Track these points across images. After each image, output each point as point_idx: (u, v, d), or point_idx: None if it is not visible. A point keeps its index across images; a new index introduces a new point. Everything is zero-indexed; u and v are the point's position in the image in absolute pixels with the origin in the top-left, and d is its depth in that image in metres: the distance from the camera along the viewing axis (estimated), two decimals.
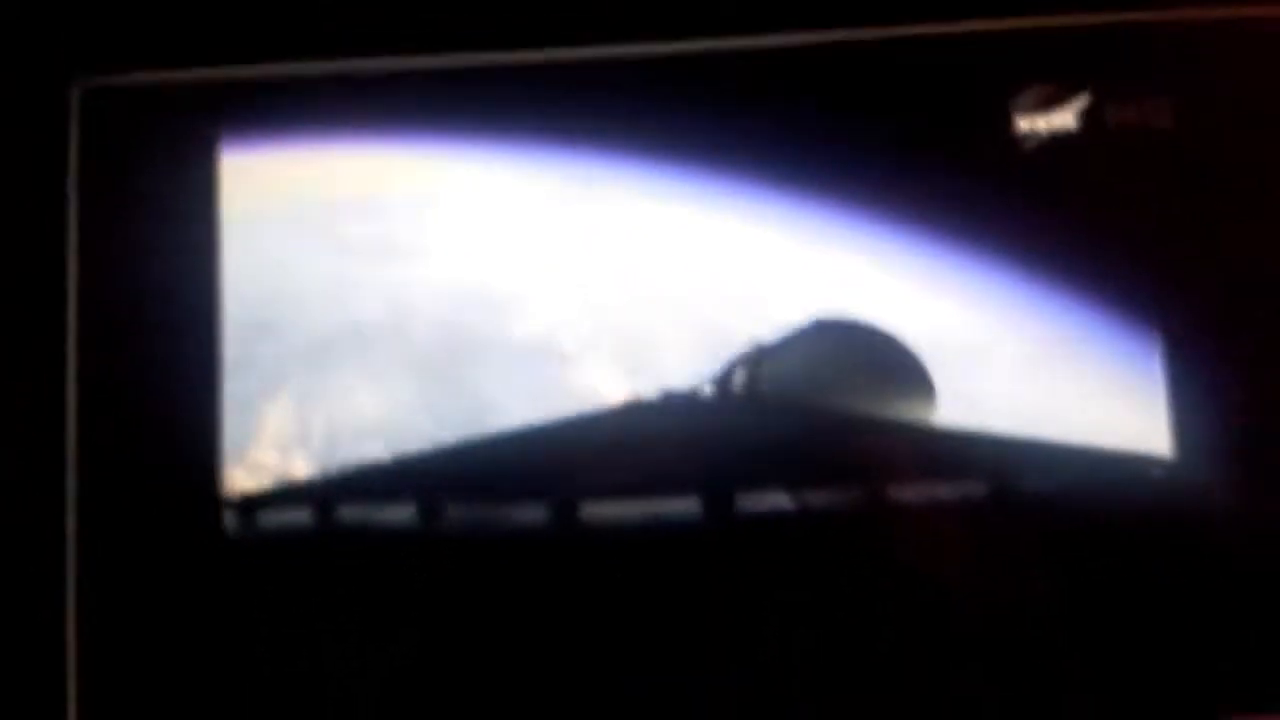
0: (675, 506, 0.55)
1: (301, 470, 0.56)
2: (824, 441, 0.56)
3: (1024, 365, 0.56)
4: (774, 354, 0.56)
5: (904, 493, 0.55)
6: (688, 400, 0.56)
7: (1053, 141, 0.57)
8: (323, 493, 0.56)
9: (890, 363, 0.56)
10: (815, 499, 0.55)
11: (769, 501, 0.55)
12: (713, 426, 0.56)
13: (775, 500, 0.55)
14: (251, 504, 0.56)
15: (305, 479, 0.56)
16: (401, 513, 0.56)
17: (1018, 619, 0.54)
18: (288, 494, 0.56)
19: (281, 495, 0.56)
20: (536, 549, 0.55)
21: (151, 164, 0.58)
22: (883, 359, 0.56)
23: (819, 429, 0.56)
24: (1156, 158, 0.57)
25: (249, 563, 0.55)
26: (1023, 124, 0.57)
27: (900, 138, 0.57)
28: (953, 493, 0.55)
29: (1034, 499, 0.55)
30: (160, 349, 0.57)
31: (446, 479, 0.56)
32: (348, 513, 0.56)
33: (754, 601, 0.54)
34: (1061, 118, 0.57)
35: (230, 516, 0.56)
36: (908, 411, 0.56)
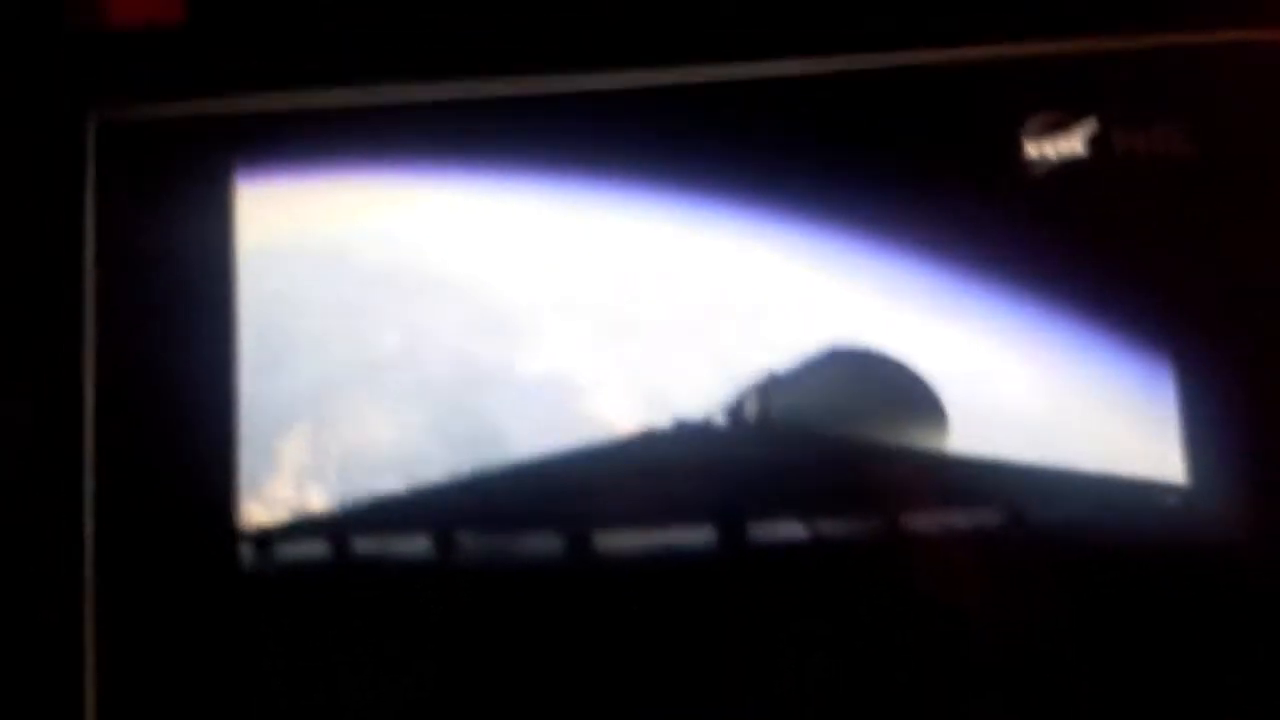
0: (689, 536, 0.55)
1: (317, 503, 0.56)
2: (837, 470, 0.56)
3: (1037, 392, 0.56)
4: (787, 383, 0.56)
5: (917, 521, 0.55)
6: (701, 429, 0.56)
7: (1062, 168, 0.57)
8: (338, 525, 0.56)
9: (903, 391, 0.56)
10: (828, 528, 0.55)
11: (782, 531, 0.55)
12: (726, 455, 0.56)
13: (788, 529, 0.55)
14: (267, 537, 0.56)
15: (320, 512, 0.56)
16: (417, 544, 0.56)
17: (1032, 647, 0.54)
18: (303, 527, 0.56)
19: (297, 528, 0.56)
20: (551, 579, 0.55)
21: (167, 196, 0.59)
22: (895, 387, 0.56)
23: (832, 457, 0.56)
24: (1166, 183, 0.57)
25: (265, 596, 0.56)
26: (1032, 150, 0.57)
27: (910, 165, 0.57)
28: (966, 521, 0.55)
29: (1048, 527, 0.55)
30: (176, 381, 0.57)
31: (461, 510, 0.56)
32: (363, 545, 0.56)
33: (768, 631, 0.54)
34: (1070, 144, 0.57)
35: (246, 550, 0.56)
36: (921, 440, 0.56)
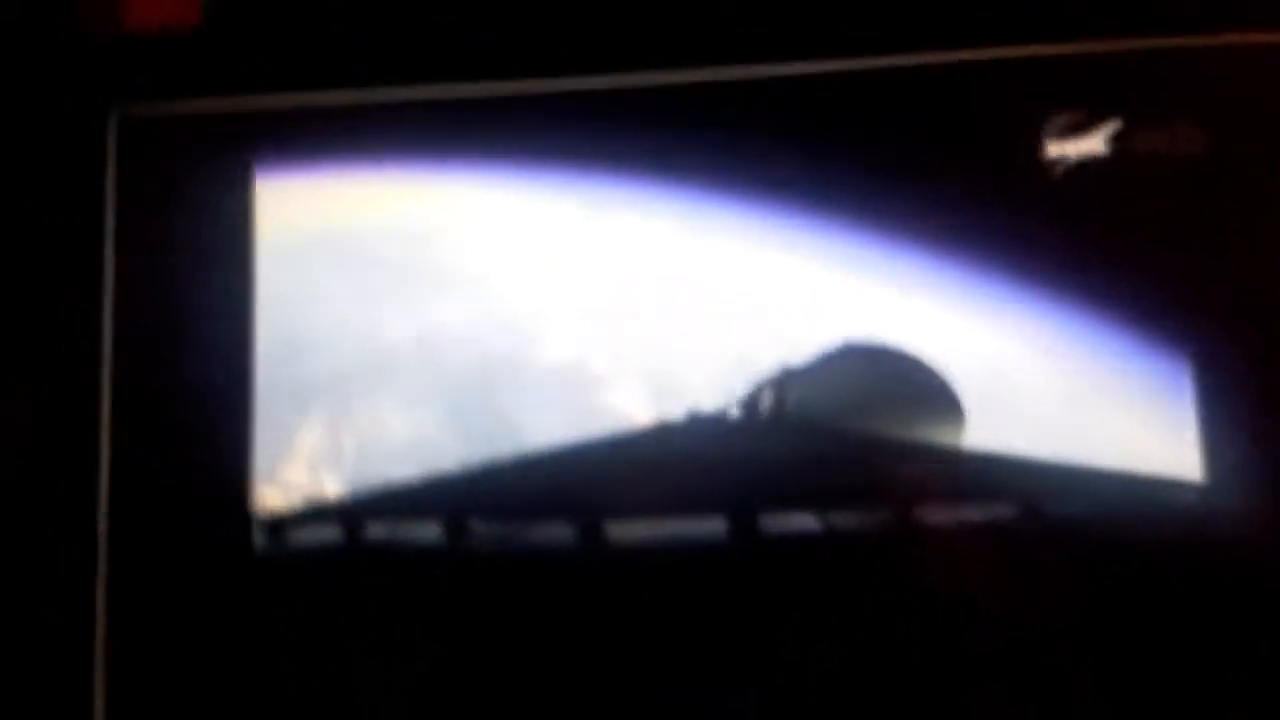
0: (701, 528, 0.55)
1: (331, 490, 0.56)
2: (851, 464, 0.56)
3: (1053, 389, 0.56)
4: (801, 377, 0.56)
5: (932, 516, 0.55)
6: (714, 422, 0.56)
7: (1082, 167, 0.57)
8: (352, 512, 0.56)
9: (918, 386, 0.56)
10: (842, 522, 0.55)
11: (795, 524, 0.55)
12: (739, 449, 0.56)
13: (801, 523, 0.55)
14: (281, 523, 0.56)
15: (335, 498, 0.56)
16: (429, 532, 0.56)
17: (1046, 643, 0.54)
18: (317, 513, 0.56)
19: (311, 514, 0.56)
20: (562, 569, 0.55)
21: (187, 192, 0.59)
22: (910, 382, 0.56)
23: (846, 452, 0.56)
24: (1186, 183, 0.56)
25: (278, 581, 0.56)
26: (1053, 150, 0.57)
27: (930, 163, 0.57)
28: (980, 516, 0.54)
29: (1062, 523, 0.54)
30: (194, 371, 0.58)
31: (474, 499, 0.56)
32: (376, 531, 0.56)
33: (780, 624, 0.54)
34: (1091, 144, 0.57)
35: (260, 534, 0.56)
36: (936, 435, 0.56)
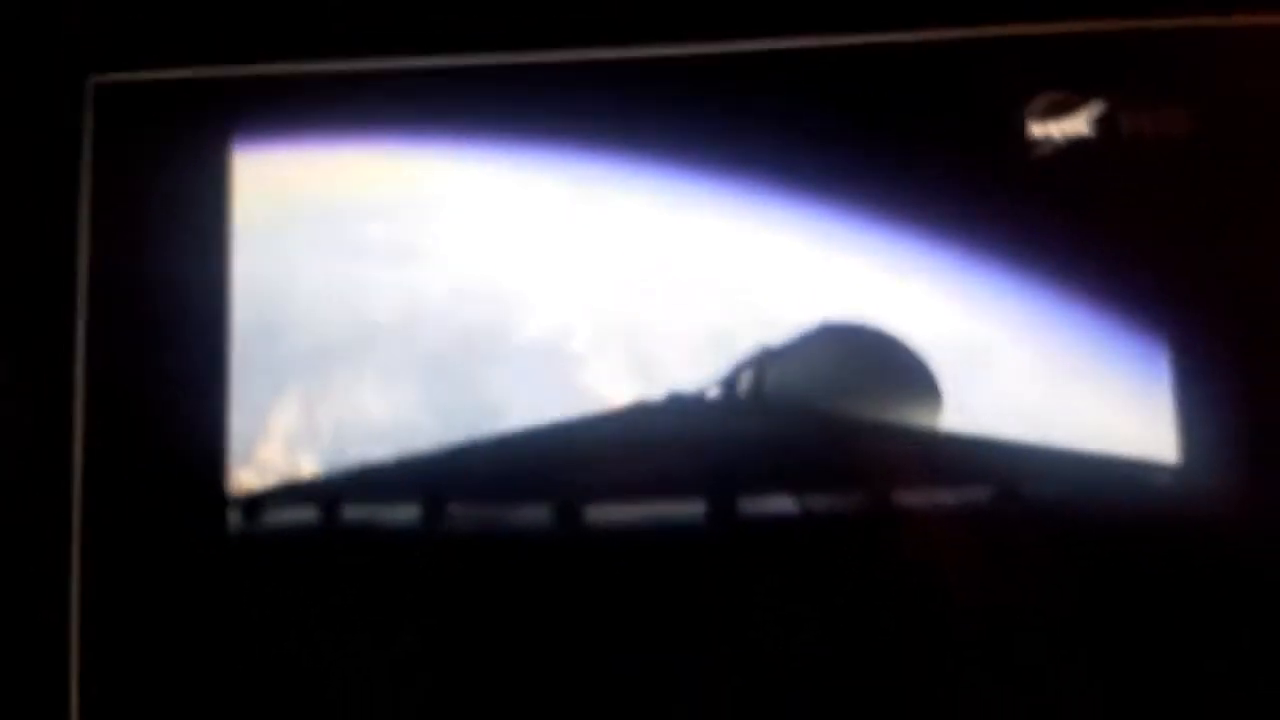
0: (680, 509, 0.55)
1: (308, 469, 0.56)
2: (830, 446, 0.56)
3: (1031, 371, 0.56)
4: (781, 357, 0.56)
5: (909, 498, 0.55)
6: (694, 403, 0.56)
7: (1065, 148, 0.57)
8: (329, 492, 0.56)
9: (897, 367, 0.56)
10: (820, 503, 0.55)
11: (774, 505, 0.55)
12: (718, 430, 0.56)
13: (780, 504, 0.55)
14: (257, 502, 0.56)
15: (311, 478, 0.56)
16: (407, 513, 0.56)
17: (1022, 625, 0.54)
18: (294, 493, 0.56)
19: (287, 494, 0.56)
20: (541, 550, 0.55)
21: (164, 161, 0.59)
22: (889, 364, 0.56)
23: (825, 433, 0.56)
24: (1169, 165, 0.56)
25: (254, 561, 0.56)
26: (1035, 130, 0.57)
27: (912, 143, 0.57)
28: (958, 498, 0.55)
29: (1040, 505, 0.54)
30: (169, 346, 0.57)
31: (452, 479, 0.56)
32: (353, 512, 0.56)
33: (758, 605, 0.54)
34: (1074, 124, 0.57)
35: (236, 515, 0.56)
36: (914, 416, 0.56)
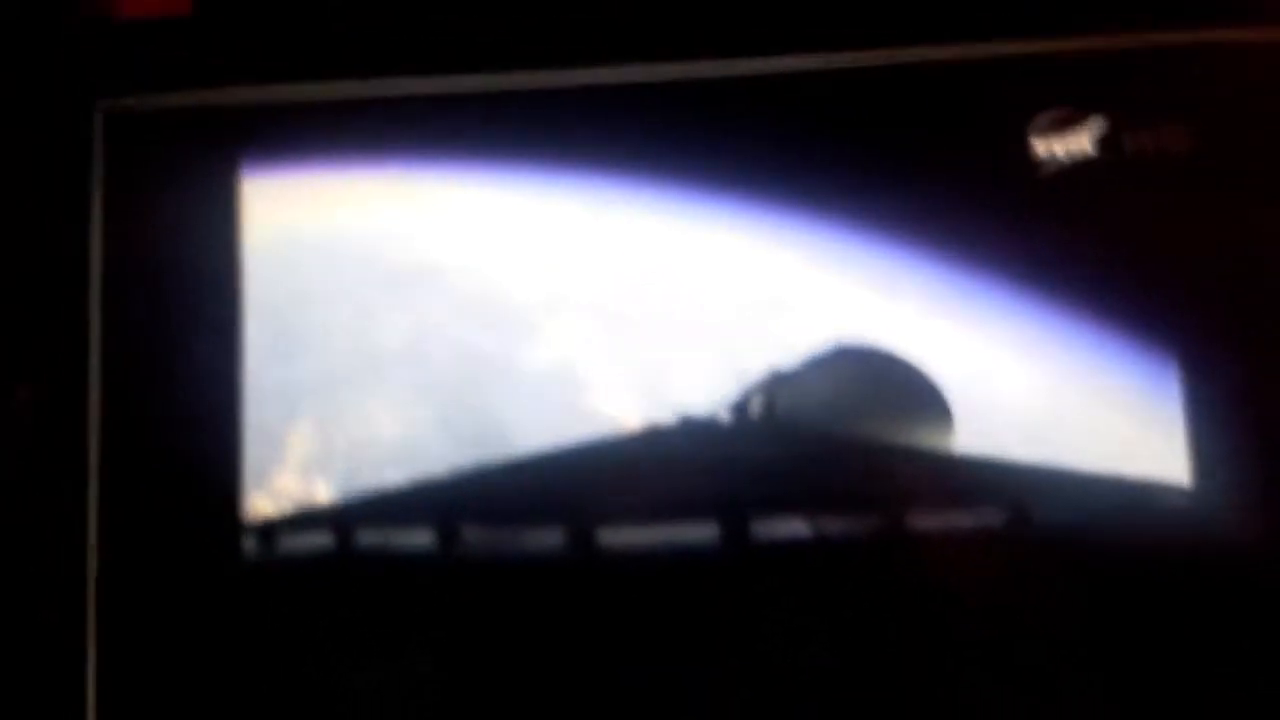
0: (692, 532, 0.55)
1: (321, 495, 0.56)
2: (841, 468, 0.56)
3: (1042, 392, 0.56)
4: (792, 380, 0.56)
5: (921, 520, 0.55)
6: (705, 426, 0.56)
7: (1070, 166, 0.57)
8: (342, 518, 0.56)
9: (908, 389, 0.56)
10: (832, 526, 0.55)
11: (786, 528, 0.55)
12: (730, 452, 0.56)
13: (792, 527, 0.55)
14: (271, 529, 0.56)
15: (325, 504, 0.56)
16: (420, 537, 0.56)
17: (1036, 648, 0.54)
18: (307, 519, 0.56)
19: (301, 520, 0.56)
20: (553, 574, 0.55)
21: (174, 188, 0.59)
22: (900, 386, 0.56)
23: (836, 455, 0.56)
24: (1174, 182, 0.56)
25: (268, 588, 0.56)
26: (1039, 148, 0.57)
27: (917, 163, 0.57)
28: (970, 520, 0.55)
29: (1051, 527, 0.54)
30: (182, 372, 0.57)
31: (465, 504, 0.56)
32: (367, 537, 0.56)
33: (771, 628, 0.54)
34: (1078, 142, 0.57)
35: (250, 541, 0.56)
36: (925, 438, 0.56)
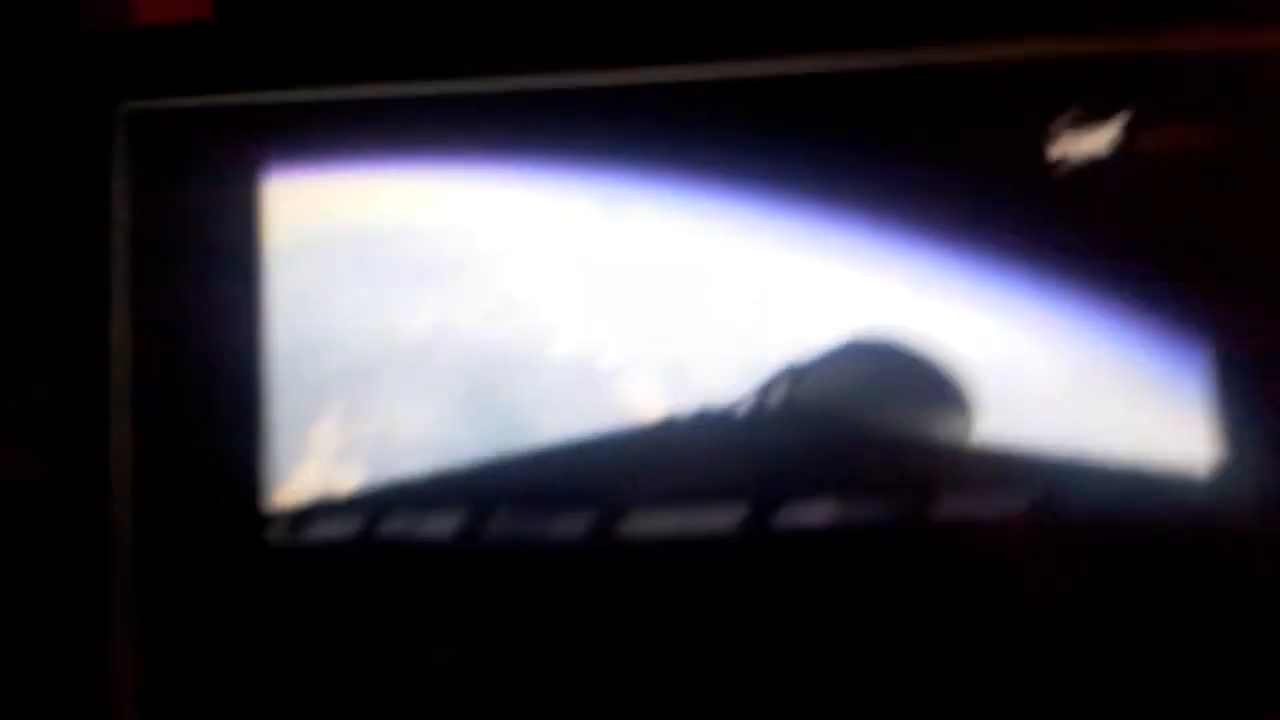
0: (712, 521, 0.55)
1: (346, 484, 0.57)
2: (860, 458, 0.56)
3: (1065, 383, 0.56)
4: (811, 371, 0.57)
5: (941, 510, 0.55)
6: (725, 416, 0.57)
7: (1089, 162, 0.57)
8: (367, 506, 0.56)
9: (926, 380, 0.56)
10: (852, 515, 0.55)
11: (806, 517, 0.55)
12: (750, 443, 0.56)
13: (812, 516, 0.55)
14: (298, 518, 0.57)
15: (350, 493, 0.57)
16: (444, 525, 0.56)
17: (1059, 633, 0.54)
18: (333, 507, 0.57)
19: (326, 509, 0.57)
20: (576, 562, 0.56)
21: (197, 187, 0.60)
22: (919, 377, 0.56)
23: (856, 445, 0.56)
24: (1193, 178, 0.57)
25: (295, 576, 0.56)
26: (1060, 144, 0.57)
27: (940, 160, 0.58)
28: (991, 509, 0.55)
29: (1074, 516, 0.54)
30: (208, 368, 0.58)
31: (488, 493, 0.56)
32: (391, 525, 0.56)
33: (790, 615, 0.55)
34: (1098, 140, 0.57)
35: (277, 530, 0.57)
36: (945, 428, 0.56)
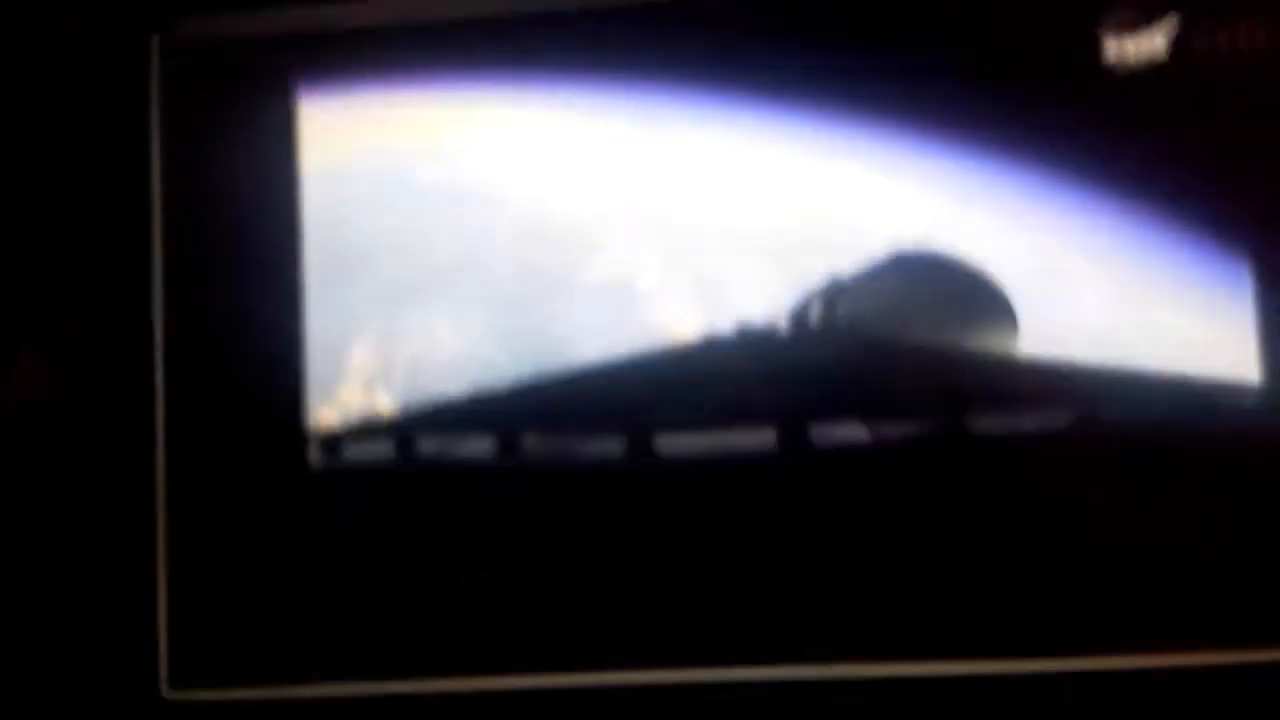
0: (751, 439, 0.55)
1: (384, 407, 0.57)
2: (901, 374, 0.55)
3: (1110, 294, 0.55)
4: (852, 287, 0.56)
5: (984, 424, 0.54)
6: (764, 334, 0.56)
7: (1140, 65, 0.55)
8: (404, 428, 0.57)
9: (971, 294, 0.55)
10: (892, 432, 0.55)
11: (845, 435, 0.55)
12: (789, 360, 0.56)
13: (852, 433, 0.55)
14: (336, 440, 0.57)
15: (387, 415, 0.57)
16: (480, 447, 0.56)
17: (1102, 551, 0.54)
18: (371, 430, 0.57)
19: (365, 431, 0.57)
20: (613, 482, 0.56)
21: (231, 112, 0.60)
22: (963, 290, 0.55)
23: (897, 362, 0.56)
24: (1246, 80, 0.55)
25: (334, 496, 0.57)
26: (1110, 47, 0.56)
27: (985, 65, 0.56)
28: (1035, 424, 0.54)
29: (1119, 429, 0.53)
30: (246, 292, 0.58)
31: (524, 414, 0.56)
32: (428, 447, 0.57)
33: (829, 533, 0.55)
34: (1149, 41, 0.55)
35: (316, 451, 0.57)
36: (989, 342, 0.55)
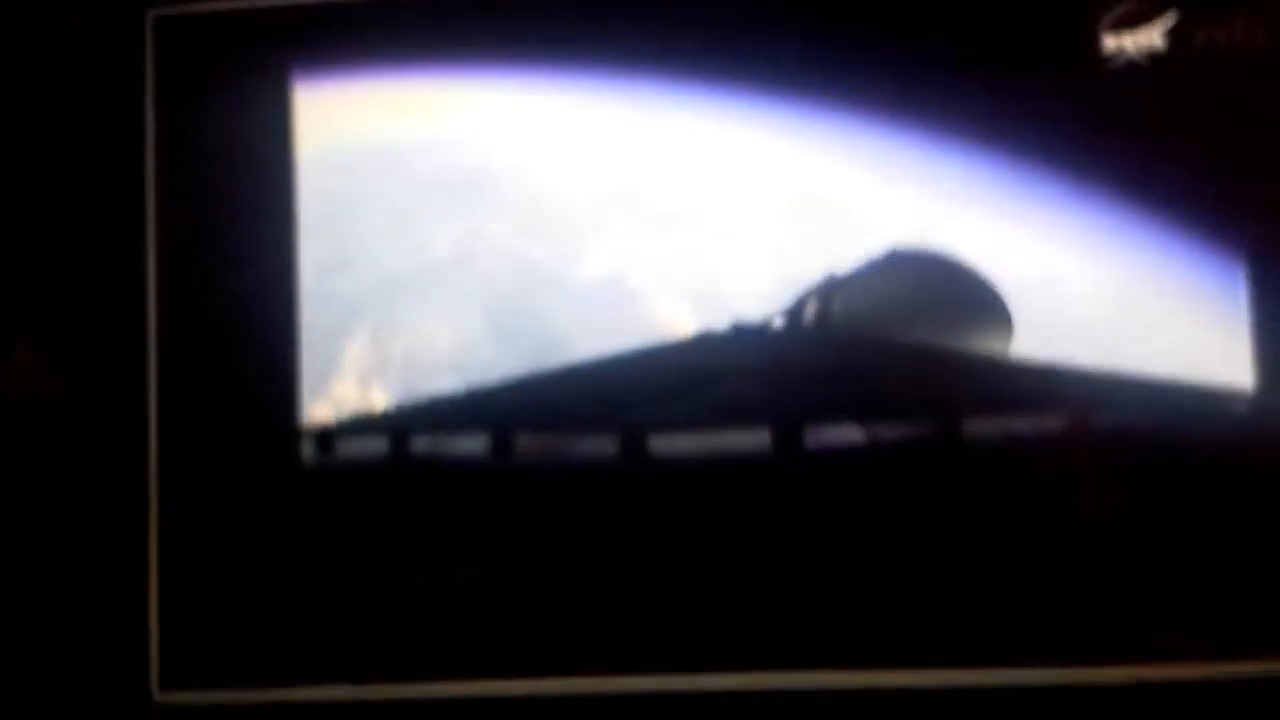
0: (744, 439, 0.55)
1: (377, 402, 0.57)
2: (896, 374, 0.55)
3: (1105, 296, 0.55)
4: (847, 285, 0.56)
5: (978, 426, 0.54)
6: (758, 332, 0.56)
7: (1138, 61, 0.55)
8: (397, 424, 0.57)
9: (966, 293, 0.55)
10: (886, 432, 0.55)
11: (839, 434, 0.55)
12: (783, 359, 0.56)
13: (846, 433, 0.55)
14: (329, 435, 0.57)
15: (381, 411, 0.57)
16: (474, 443, 0.56)
17: (1096, 552, 0.54)
18: (364, 425, 0.57)
19: (357, 426, 0.57)
20: (605, 480, 0.56)
21: (226, 95, 0.59)
22: (958, 290, 0.55)
23: (891, 361, 0.56)
24: (1244, 77, 0.55)
25: (326, 492, 0.57)
26: (1109, 43, 0.55)
27: (983, 59, 0.56)
28: (1028, 426, 0.54)
29: (1112, 433, 0.54)
30: (239, 282, 0.58)
31: (517, 410, 0.56)
32: (421, 443, 0.57)
33: (822, 534, 0.55)
34: (1148, 36, 0.55)
35: (309, 447, 0.57)
36: (984, 343, 0.55)
